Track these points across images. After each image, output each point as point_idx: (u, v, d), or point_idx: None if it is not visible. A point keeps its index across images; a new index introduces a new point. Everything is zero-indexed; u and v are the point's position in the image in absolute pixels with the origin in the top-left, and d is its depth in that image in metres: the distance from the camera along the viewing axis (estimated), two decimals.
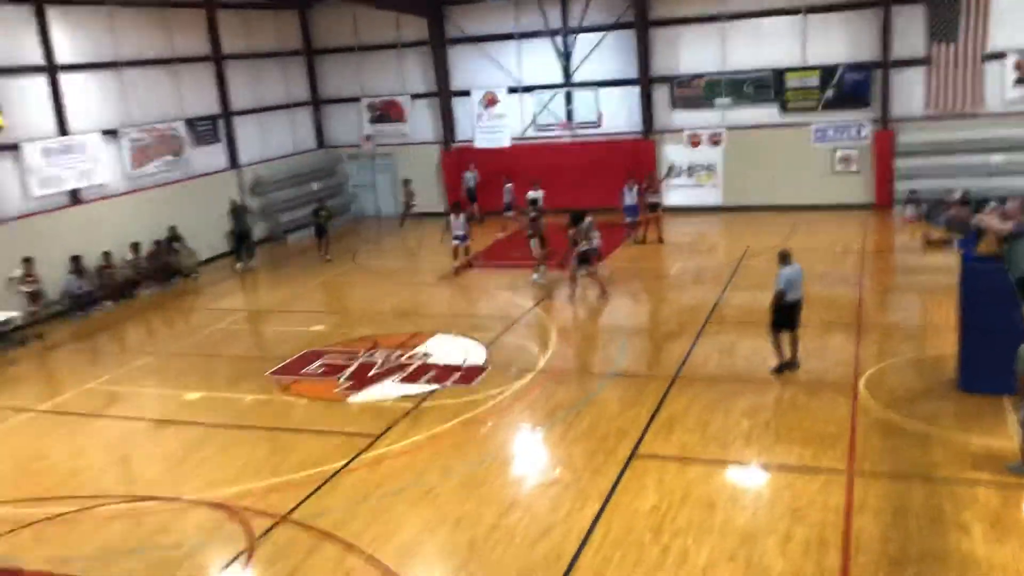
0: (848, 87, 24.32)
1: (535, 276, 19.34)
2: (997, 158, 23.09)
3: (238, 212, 23.82)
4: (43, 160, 19.73)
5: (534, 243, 19.56)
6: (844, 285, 17.80)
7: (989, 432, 10.70)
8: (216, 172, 25.07)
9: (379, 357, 15.15)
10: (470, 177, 27.27)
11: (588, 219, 18.02)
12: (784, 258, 12.99)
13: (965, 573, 8.08)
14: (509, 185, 25.71)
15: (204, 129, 24.76)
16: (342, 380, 14.20)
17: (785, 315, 12.92)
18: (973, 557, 8.29)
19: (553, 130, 27.12)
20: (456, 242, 20.90)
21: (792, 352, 13.21)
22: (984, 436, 10.63)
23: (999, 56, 22.82)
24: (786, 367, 13.09)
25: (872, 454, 10.44)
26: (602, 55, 26.43)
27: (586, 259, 17.92)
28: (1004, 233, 11.80)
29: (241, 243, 23.77)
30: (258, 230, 26.31)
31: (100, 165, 21.15)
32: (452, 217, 21.03)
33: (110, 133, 21.62)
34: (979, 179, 22.90)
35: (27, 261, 18.21)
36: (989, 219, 12.25)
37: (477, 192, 27.12)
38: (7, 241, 18.58)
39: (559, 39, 26.65)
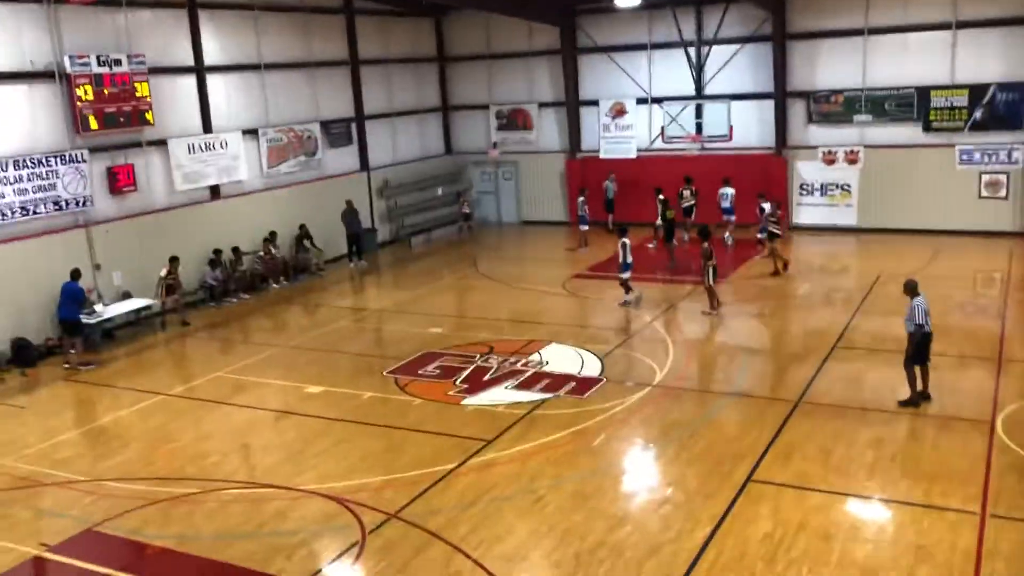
0: (1000, 107, 23.01)
1: (633, 297, 18.62)
2: None
3: (349, 215, 24.41)
4: (188, 156, 20.78)
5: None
6: (985, 317, 16.85)
7: None
8: (347, 174, 25.81)
9: (494, 362, 15.24)
10: (609, 186, 26.93)
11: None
12: (914, 289, 12.36)
13: None
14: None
15: (337, 131, 25.55)
16: (457, 383, 14.35)
17: (924, 348, 12.31)
18: None
19: (681, 143, 26.71)
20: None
21: (924, 384, 12.57)
22: None
23: None
24: (918, 400, 12.45)
25: (1008, 497, 9.81)
26: (736, 67, 25.91)
27: (715, 270, 17.81)
28: None
29: (353, 244, 24.40)
30: (383, 232, 26.98)
31: (239, 162, 22.13)
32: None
33: (250, 132, 22.58)
34: None
35: (173, 260, 19.15)
36: None
37: (615, 203, 26.81)
38: (152, 231, 19.63)
39: (692, 50, 26.28)
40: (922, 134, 24.03)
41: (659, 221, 23.37)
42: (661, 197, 23.37)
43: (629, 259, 18.38)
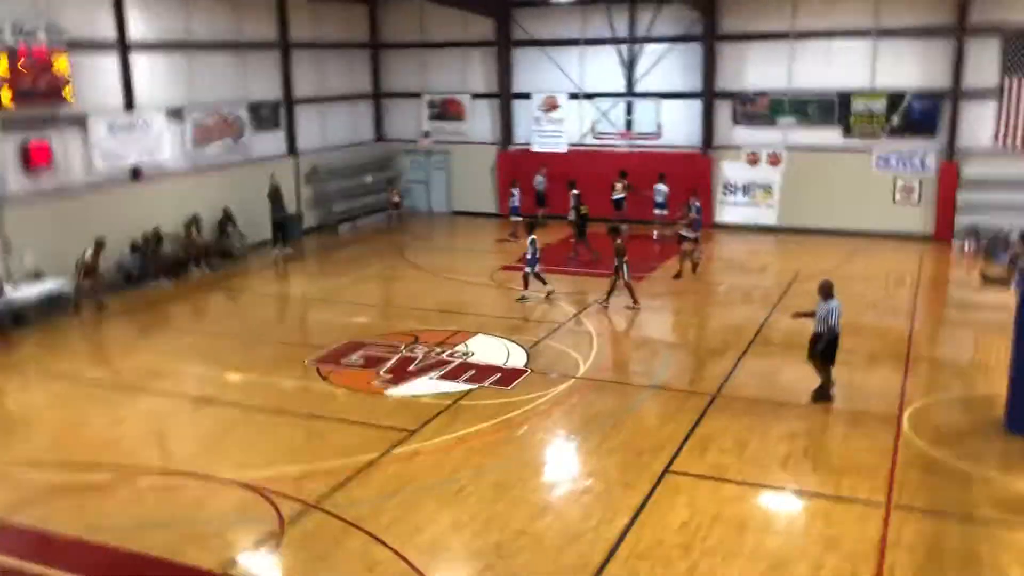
0: (915, 115, 23.84)
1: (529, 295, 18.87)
2: None
3: (274, 194, 23.80)
4: (108, 135, 20.16)
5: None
6: (895, 316, 17.45)
7: None
8: (274, 158, 25.37)
9: (419, 352, 15.21)
10: (540, 181, 26.78)
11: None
12: (829, 291, 12.71)
13: None
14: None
15: (265, 114, 25.11)
16: (381, 373, 14.29)
17: (832, 349, 12.70)
18: None
19: (611, 139, 26.97)
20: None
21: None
22: None
23: None
24: (829, 393, 12.84)
25: (911, 489, 10.22)
26: (666, 67, 26.27)
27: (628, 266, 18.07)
28: None
29: (278, 230, 23.83)
30: (310, 218, 26.63)
31: (162, 143, 21.56)
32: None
33: (174, 113, 22.02)
34: None
35: (99, 244, 18.39)
36: None
37: (545, 196, 26.73)
38: (69, 211, 18.95)
39: (624, 48, 26.56)
40: (842, 138, 24.75)
41: (571, 216, 23.18)
42: (575, 191, 23.36)
43: (537, 255, 18.56)
